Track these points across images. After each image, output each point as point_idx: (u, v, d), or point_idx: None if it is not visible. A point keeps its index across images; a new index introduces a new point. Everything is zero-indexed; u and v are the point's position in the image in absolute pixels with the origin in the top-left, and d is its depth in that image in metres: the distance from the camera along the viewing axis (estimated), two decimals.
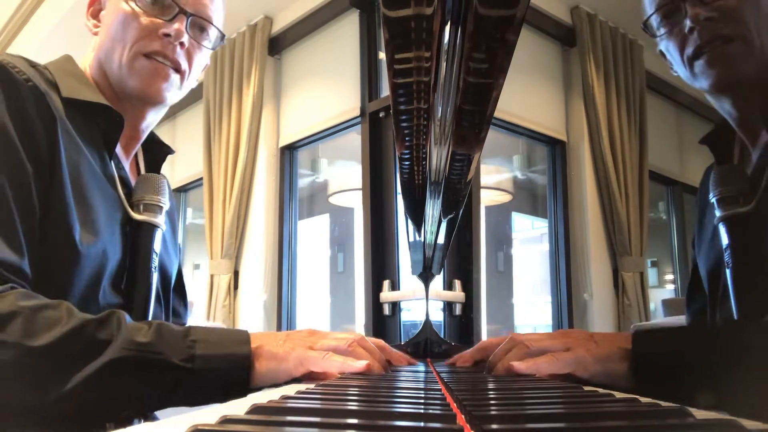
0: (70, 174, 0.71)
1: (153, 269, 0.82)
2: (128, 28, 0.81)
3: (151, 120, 0.90)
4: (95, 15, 0.87)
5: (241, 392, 0.64)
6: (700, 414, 0.35)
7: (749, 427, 0.29)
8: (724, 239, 0.78)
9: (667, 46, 0.82)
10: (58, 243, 0.69)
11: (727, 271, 0.77)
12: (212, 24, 0.87)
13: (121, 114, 0.79)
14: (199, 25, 0.86)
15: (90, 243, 0.72)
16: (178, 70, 0.84)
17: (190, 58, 0.85)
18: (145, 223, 0.82)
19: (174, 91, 0.85)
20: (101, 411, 0.64)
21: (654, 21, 0.81)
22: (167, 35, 0.82)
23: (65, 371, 0.59)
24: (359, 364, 0.67)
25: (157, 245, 0.84)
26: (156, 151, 0.95)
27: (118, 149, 0.82)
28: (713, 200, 0.80)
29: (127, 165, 0.87)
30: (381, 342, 0.89)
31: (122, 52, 0.81)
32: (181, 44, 0.83)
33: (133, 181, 0.86)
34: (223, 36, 0.90)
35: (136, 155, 0.92)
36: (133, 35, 0.81)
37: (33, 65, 0.75)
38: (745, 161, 0.84)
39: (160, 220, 0.84)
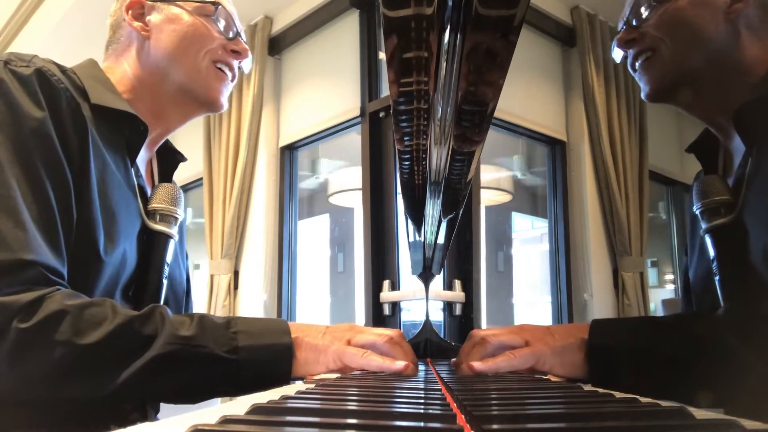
0: (97, 183, 0.72)
1: (163, 279, 0.84)
2: (202, 39, 0.87)
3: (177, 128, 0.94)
4: (138, 19, 0.88)
5: (284, 381, 0.68)
6: (700, 414, 0.35)
7: (749, 427, 0.29)
8: (711, 251, 0.80)
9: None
10: (83, 251, 0.70)
11: (716, 281, 0.79)
12: (248, 49, 0.94)
13: (145, 124, 0.81)
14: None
15: (111, 252, 0.73)
16: (233, 81, 0.92)
17: (237, 73, 0.93)
18: (159, 233, 0.83)
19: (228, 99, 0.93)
20: (151, 401, 0.67)
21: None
22: (236, 52, 0.90)
23: (115, 367, 0.61)
24: (398, 366, 0.68)
25: (169, 256, 0.85)
26: (169, 158, 0.97)
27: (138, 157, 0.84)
28: (697, 212, 0.83)
29: (143, 172, 0.89)
30: (403, 335, 0.90)
31: (196, 60, 0.86)
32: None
33: (148, 187, 0.88)
34: (251, 61, 0.97)
35: (150, 161, 0.94)
36: (208, 46, 0.87)
37: (63, 70, 0.75)
38: (729, 168, 0.86)
39: (175, 230, 0.86)
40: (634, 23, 0.85)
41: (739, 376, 0.60)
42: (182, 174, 1.03)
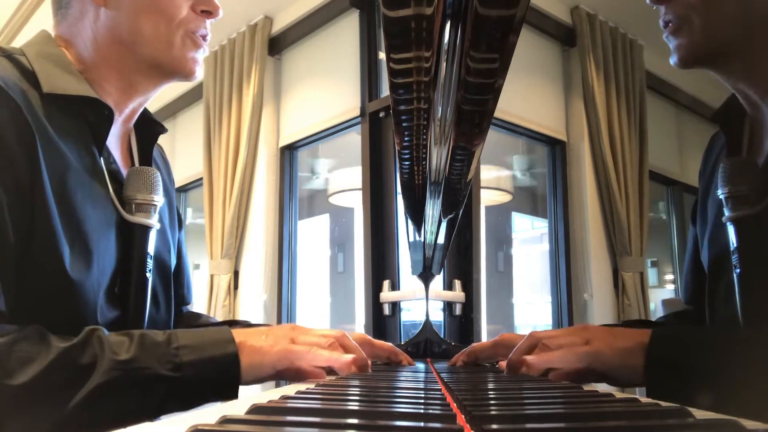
0: (54, 191, 0.65)
1: (148, 272, 0.78)
2: (170, 5, 0.78)
3: (151, 98, 0.85)
4: None
5: (232, 391, 0.65)
6: (700, 414, 0.35)
7: (749, 427, 0.29)
8: (732, 241, 0.75)
9: None
10: (47, 269, 0.65)
11: (734, 274, 0.75)
12: (218, 6, 0.85)
13: (110, 107, 0.74)
14: None
15: (82, 266, 0.68)
16: (205, 43, 0.84)
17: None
18: (138, 225, 0.77)
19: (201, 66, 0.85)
20: (100, 428, 0.63)
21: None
22: (207, 12, 0.81)
23: (54, 403, 0.58)
24: (346, 357, 0.67)
25: (151, 246, 0.79)
26: (148, 130, 0.88)
27: (108, 138, 0.76)
28: (722, 197, 0.77)
29: (117, 153, 0.81)
30: (365, 337, 0.88)
31: (164, 30, 0.78)
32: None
33: (124, 169, 0.81)
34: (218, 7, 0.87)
35: (128, 134, 0.86)
36: (177, 12, 0.79)
37: (7, 54, 0.69)
38: (756, 142, 0.81)
39: (154, 219, 0.79)
40: None
41: None
42: (182, 174, 1.02)
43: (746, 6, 0.75)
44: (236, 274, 2.92)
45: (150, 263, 0.78)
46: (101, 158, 0.74)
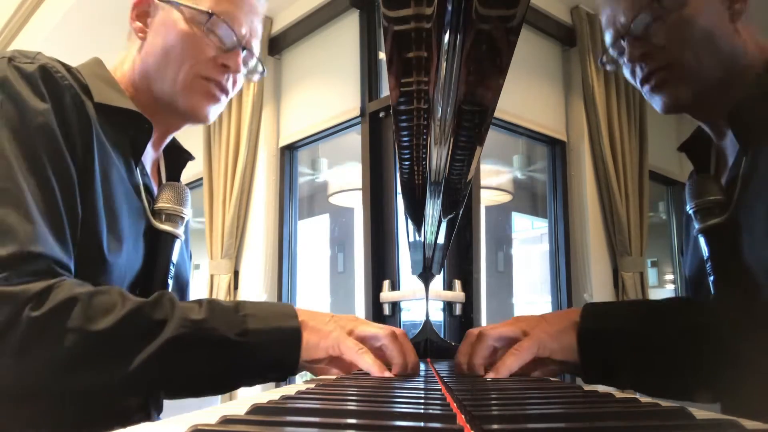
0: (101, 182, 0.72)
1: (169, 279, 0.84)
2: (189, 49, 0.83)
3: (174, 132, 0.92)
4: (141, 17, 0.86)
5: (292, 365, 0.68)
6: (700, 414, 0.35)
7: (749, 427, 0.29)
8: (704, 251, 0.79)
9: (625, 72, 0.89)
10: (86, 249, 0.70)
11: (710, 281, 0.78)
12: (258, 59, 0.91)
13: (150, 122, 0.80)
14: (249, 57, 0.89)
15: (115, 251, 0.73)
16: (226, 95, 0.88)
17: (234, 85, 0.89)
18: (165, 233, 0.83)
19: (218, 112, 0.90)
20: (164, 388, 0.67)
21: (611, 51, 0.89)
22: (226, 66, 0.85)
23: (127, 352, 0.61)
24: (380, 373, 0.68)
25: (176, 255, 0.85)
26: (177, 157, 0.96)
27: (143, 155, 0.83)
28: (690, 212, 0.82)
29: (149, 170, 0.88)
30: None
31: (178, 71, 0.83)
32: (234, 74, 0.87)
33: (154, 187, 0.87)
34: (264, 71, 0.93)
35: (157, 159, 0.93)
36: (194, 57, 0.83)
37: (68, 68, 0.75)
38: (721, 166, 0.85)
39: (181, 230, 0.85)
40: (638, 35, 0.80)
41: (734, 367, 0.60)
42: (183, 174, 1.02)
43: (720, 43, 0.78)
44: (236, 274, 2.92)
45: (173, 270, 0.84)
46: (137, 169, 0.81)
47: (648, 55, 0.81)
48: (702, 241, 0.80)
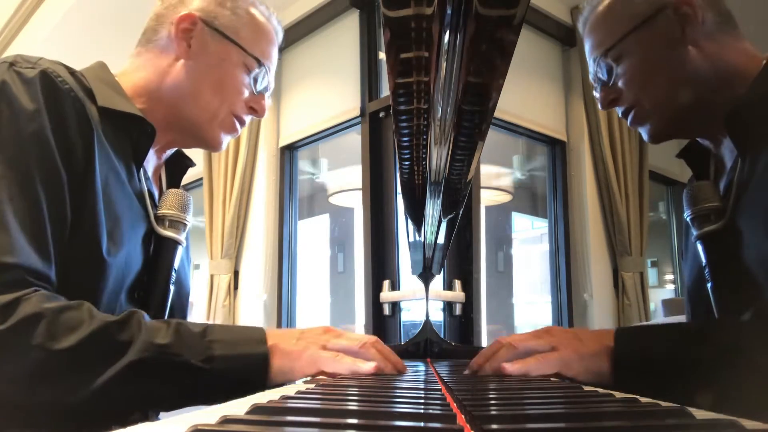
0: (102, 185, 0.72)
1: (171, 285, 0.84)
2: (232, 88, 0.87)
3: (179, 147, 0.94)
4: (184, 35, 0.85)
5: (258, 390, 0.65)
6: (700, 414, 0.35)
7: (749, 427, 0.29)
8: (702, 257, 0.80)
9: None
10: (85, 253, 0.70)
11: (708, 288, 0.79)
12: (265, 109, 0.95)
13: (153, 125, 0.80)
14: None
15: (115, 253, 0.73)
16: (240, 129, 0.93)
17: None
18: (168, 239, 0.83)
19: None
20: (124, 410, 0.66)
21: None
22: (253, 110, 0.91)
23: (89, 373, 0.60)
24: (368, 367, 0.68)
25: (177, 261, 0.85)
26: (178, 163, 0.96)
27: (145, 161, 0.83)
28: (687, 219, 0.82)
29: (151, 176, 0.88)
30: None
31: (215, 103, 0.86)
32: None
33: (156, 191, 0.88)
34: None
35: (159, 167, 0.94)
36: (233, 96, 0.88)
37: (71, 72, 0.75)
38: (719, 173, 0.86)
39: (183, 236, 0.86)
40: (607, 81, 0.86)
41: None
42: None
43: (679, 70, 0.81)
44: (236, 274, 2.92)
45: (174, 276, 0.84)
46: (140, 173, 0.81)
47: (616, 101, 0.88)
48: (700, 247, 0.80)
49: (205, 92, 0.86)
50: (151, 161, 0.88)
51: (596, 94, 0.92)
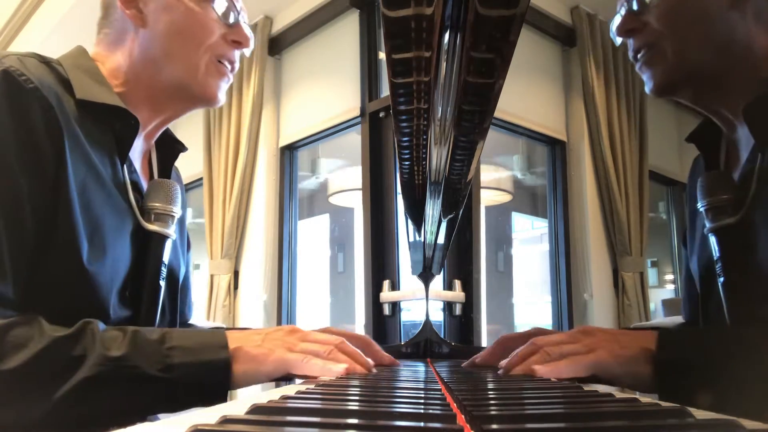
0: (77, 189, 0.68)
1: (161, 280, 0.80)
2: (200, 30, 0.81)
3: (174, 119, 0.88)
4: (132, 5, 0.80)
5: (221, 397, 0.64)
6: (700, 414, 0.35)
7: (749, 427, 0.29)
8: (715, 251, 0.76)
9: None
10: (65, 262, 0.67)
11: (719, 282, 0.76)
12: (249, 37, 0.88)
13: (136, 117, 0.76)
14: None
15: (97, 261, 0.70)
16: (233, 72, 0.86)
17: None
18: (155, 233, 0.80)
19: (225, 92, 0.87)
20: (85, 426, 0.62)
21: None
22: (237, 42, 0.84)
23: (41, 391, 0.58)
24: (338, 368, 0.65)
25: (167, 255, 0.82)
26: (169, 148, 0.91)
27: (131, 151, 0.80)
28: (702, 209, 0.78)
29: (138, 165, 0.84)
30: (367, 339, 0.86)
31: (194, 54, 0.81)
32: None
33: (144, 181, 0.84)
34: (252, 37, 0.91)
35: (148, 151, 0.89)
36: (207, 38, 0.81)
37: (46, 62, 0.71)
38: (732, 159, 0.83)
39: (171, 230, 0.82)
40: (635, 8, 0.79)
41: None
42: (182, 174, 1.02)
43: (713, 29, 0.77)
44: (236, 274, 2.92)
45: (164, 271, 0.81)
46: (124, 167, 0.77)
47: (634, 32, 0.81)
48: (713, 240, 0.77)
49: (175, 48, 0.80)
50: (138, 148, 0.84)
51: (616, 19, 0.84)
